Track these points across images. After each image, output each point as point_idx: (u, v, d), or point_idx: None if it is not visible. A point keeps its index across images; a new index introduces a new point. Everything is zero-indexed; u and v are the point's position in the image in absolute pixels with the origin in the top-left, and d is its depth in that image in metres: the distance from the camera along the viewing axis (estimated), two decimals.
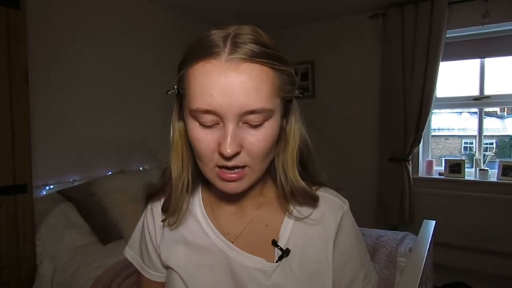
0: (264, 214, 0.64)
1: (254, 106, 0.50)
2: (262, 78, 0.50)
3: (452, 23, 2.80)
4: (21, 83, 1.51)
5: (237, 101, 0.49)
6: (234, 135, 0.50)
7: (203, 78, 0.50)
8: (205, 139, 0.52)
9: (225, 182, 0.54)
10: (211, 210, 0.66)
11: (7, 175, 1.47)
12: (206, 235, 0.63)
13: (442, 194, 2.98)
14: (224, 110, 0.49)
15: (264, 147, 0.53)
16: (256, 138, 0.52)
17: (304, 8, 3.12)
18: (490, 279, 2.70)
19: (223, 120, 0.50)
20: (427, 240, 1.56)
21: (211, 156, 0.53)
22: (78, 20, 2.28)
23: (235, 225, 0.64)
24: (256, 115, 0.50)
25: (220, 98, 0.49)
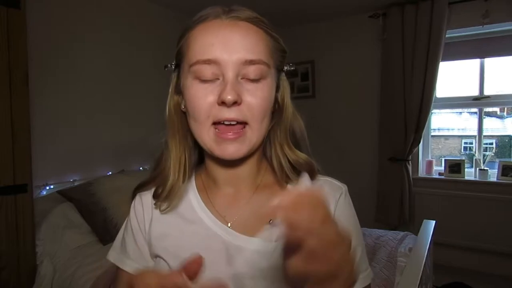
0: (261, 196, 0.62)
1: (252, 56, 0.52)
2: (258, 36, 0.55)
3: (452, 23, 2.80)
4: (21, 83, 1.51)
5: (237, 50, 0.52)
6: (234, 85, 0.52)
7: (203, 33, 0.53)
8: (204, 94, 0.53)
9: (223, 145, 0.53)
10: (205, 195, 0.64)
11: (7, 175, 1.47)
12: (200, 220, 0.61)
13: (442, 194, 2.98)
14: (224, 60, 0.51)
15: (262, 104, 0.54)
16: (255, 92, 0.53)
17: (304, 8, 3.12)
18: (490, 279, 2.70)
19: (223, 72, 0.52)
20: (427, 240, 1.56)
21: (209, 111, 0.53)
22: (78, 20, 2.28)
23: (232, 209, 0.62)
24: (255, 66, 0.53)
25: (220, 47, 0.52)
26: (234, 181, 0.63)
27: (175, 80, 0.60)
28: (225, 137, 0.53)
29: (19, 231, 1.53)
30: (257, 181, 0.64)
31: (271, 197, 0.59)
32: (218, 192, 0.64)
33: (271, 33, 0.58)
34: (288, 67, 0.61)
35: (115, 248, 0.68)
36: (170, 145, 0.61)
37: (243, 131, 0.54)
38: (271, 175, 0.64)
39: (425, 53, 2.82)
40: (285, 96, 0.62)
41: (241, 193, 0.63)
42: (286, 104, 0.62)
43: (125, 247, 0.66)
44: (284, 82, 0.62)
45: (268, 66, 0.55)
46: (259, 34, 0.55)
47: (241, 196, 0.63)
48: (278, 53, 0.59)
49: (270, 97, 0.56)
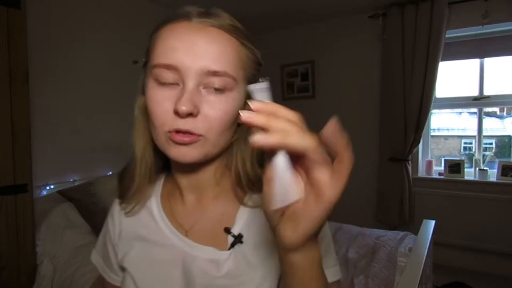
0: (221, 204, 0.60)
1: (217, 67, 0.49)
2: (229, 45, 0.51)
3: (452, 23, 2.80)
4: (21, 83, 1.51)
5: (200, 58, 0.48)
6: (192, 95, 0.48)
7: (169, 35, 0.50)
8: (160, 99, 0.50)
9: (176, 147, 0.50)
10: (167, 203, 0.63)
11: (7, 175, 1.47)
12: (160, 230, 0.60)
13: (442, 194, 2.98)
14: (185, 66, 0.48)
15: (222, 117, 0.50)
16: (214, 106, 0.50)
17: (304, 8, 3.12)
18: (490, 279, 2.70)
19: (183, 79, 0.49)
20: (427, 240, 1.56)
21: (164, 118, 0.50)
22: (78, 20, 2.28)
23: (191, 217, 0.60)
24: (218, 78, 0.49)
25: (183, 53, 0.48)
26: (196, 188, 0.61)
27: (143, 80, 0.57)
28: (177, 140, 0.50)
29: (19, 231, 1.53)
30: (218, 189, 0.61)
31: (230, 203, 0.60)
32: (180, 200, 0.62)
33: (245, 43, 0.53)
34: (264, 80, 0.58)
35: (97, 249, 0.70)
36: (135, 146, 0.60)
37: (197, 138, 0.50)
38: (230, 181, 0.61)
39: (425, 53, 2.82)
40: None
41: (202, 201, 0.61)
42: None
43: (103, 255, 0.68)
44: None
45: (234, 79, 0.50)
46: (230, 43, 0.51)
47: (202, 204, 0.61)
48: (252, 65, 0.55)
49: (232, 111, 0.51)
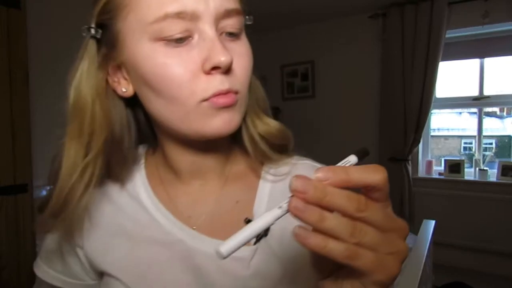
0: (233, 189, 0.50)
1: (231, 5, 0.40)
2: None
3: (452, 23, 2.79)
4: (21, 83, 1.51)
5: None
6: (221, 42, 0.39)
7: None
8: (179, 60, 0.38)
9: (220, 115, 0.40)
10: (163, 190, 0.50)
11: (7, 175, 1.47)
12: (156, 223, 0.48)
13: (442, 194, 2.98)
14: (200, 10, 0.38)
15: (249, 63, 0.43)
16: (240, 51, 0.41)
17: (304, 8, 3.12)
18: (490, 279, 2.70)
19: (200, 27, 0.38)
20: (427, 240, 1.56)
21: (192, 85, 0.39)
22: (78, 20, 2.28)
23: (198, 206, 0.49)
24: (233, 19, 0.41)
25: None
26: (199, 173, 0.50)
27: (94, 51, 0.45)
28: (224, 102, 0.40)
29: (19, 231, 1.53)
30: (226, 171, 0.51)
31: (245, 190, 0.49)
32: (179, 187, 0.51)
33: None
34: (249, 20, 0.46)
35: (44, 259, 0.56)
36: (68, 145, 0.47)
37: (238, 97, 0.41)
38: (243, 161, 0.52)
39: (425, 53, 2.82)
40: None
41: (208, 187, 0.50)
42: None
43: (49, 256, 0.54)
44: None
45: (243, 19, 0.42)
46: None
47: (208, 190, 0.50)
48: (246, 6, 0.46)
49: (251, 55, 0.44)
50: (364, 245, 0.25)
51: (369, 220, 0.25)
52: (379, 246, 0.26)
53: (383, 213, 0.26)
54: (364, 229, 0.25)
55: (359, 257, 0.25)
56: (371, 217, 0.25)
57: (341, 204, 0.25)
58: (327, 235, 0.25)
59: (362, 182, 0.25)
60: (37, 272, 0.55)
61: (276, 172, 0.51)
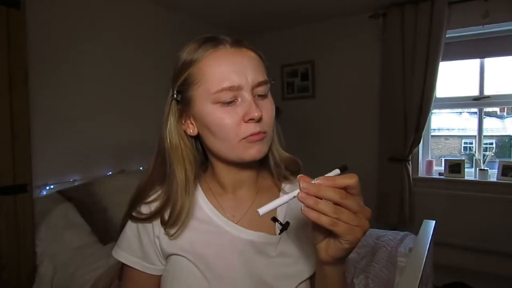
0: (262, 198, 0.71)
1: (261, 77, 0.63)
2: (258, 60, 0.65)
3: (452, 23, 2.79)
4: (21, 83, 1.51)
5: (249, 74, 0.61)
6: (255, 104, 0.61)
7: (219, 62, 0.61)
8: (230, 116, 0.61)
9: (254, 147, 0.62)
10: (213, 198, 0.72)
11: (7, 175, 1.47)
12: (211, 219, 0.69)
13: (442, 194, 2.98)
14: (242, 83, 0.60)
15: (272, 113, 0.65)
16: (267, 106, 0.64)
17: (304, 8, 3.12)
18: (490, 279, 2.70)
19: (241, 94, 0.61)
20: (427, 240, 1.56)
21: (236, 129, 0.61)
22: (78, 20, 2.28)
23: (238, 209, 0.71)
24: (263, 87, 0.63)
25: (238, 74, 0.60)
26: (239, 185, 0.72)
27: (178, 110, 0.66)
28: (256, 139, 0.62)
29: (19, 231, 1.53)
30: (257, 185, 0.74)
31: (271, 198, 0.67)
32: (225, 195, 0.72)
33: (260, 54, 0.67)
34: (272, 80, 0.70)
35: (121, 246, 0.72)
36: (177, 171, 0.66)
37: (264, 135, 0.63)
38: (269, 179, 0.76)
39: (425, 53, 2.82)
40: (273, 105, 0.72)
41: (245, 196, 0.72)
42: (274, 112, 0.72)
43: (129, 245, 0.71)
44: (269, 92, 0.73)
45: (269, 84, 0.65)
46: (257, 57, 0.65)
47: (245, 198, 0.72)
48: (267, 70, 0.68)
49: (274, 108, 0.67)
50: (342, 219, 0.45)
51: (347, 205, 0.45)
52: (351, 221, 0.45)
53: (356, 202, 0.46)
54: (342, 210, 0.45)
55: (338, 225, 0.45)
56: (348, 204, 0.45)
57: (330, 195, 0.44)
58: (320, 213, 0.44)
59: (343, 184, 0.45)
60: (119, 257, 0.71)
61: (290, 188, 0.74)
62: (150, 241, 0.69)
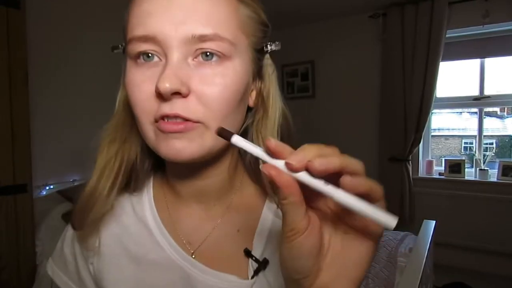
0: (235, 216, 0.49)
1: (206, 30, 0.38)
2: (222, 2, 0.39)
3: (452, 23, 2.79)
4: (21, 83, 1.51)
5: (183, 20, 0.37)
6: (177, 68, 0.37)
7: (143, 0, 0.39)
8: (139, 80, 0.39)
9: (167, 140, 0.39)
10: (166, 212, 0.50)
11: (7, 175, 1.47)
12: (159, 247, 0.47)
13: (442, 194, 2.98)
14: (165, 34, 0.37)
15: (222, 94, 0.39)
16: (210, 80, 0.38)
17: (304, 8, 3.12)
18: (490, 279, 2.70)
19: (165, 51, 0.38)
20: (427, 240, 1.55)
21: (146, 105, 0.39)
22: (78, 20, 2.28)
23: (198, 233, 0.48)
24: (209, 44, 0.38)
25: (161, 17, 0.37)
26: (201, 196, 0.49)
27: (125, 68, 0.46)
28: (167, 129, 0.38)
29: (19, 231, 1.53)
30: (231, 195, 0.50)
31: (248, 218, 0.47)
32: (181, 210, 0.50)
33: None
34: (274, 46, 0.46)
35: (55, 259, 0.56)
36: (101, 147, 0.49)
37: (193, 125, 0.39)
38: (250, 188, 0.51)
39: (425, 53, 2.82)
40: (270, 87, 0.47)
41: (210, 212, 0.49)
42: (273, 97, 0.47)
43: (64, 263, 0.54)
44: (269, 67, 0.47)
45: (231, 44, 0.39)
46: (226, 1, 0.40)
47: (210, 216, 0.49)
48: (256, 26, 0.43)
49: (236, 85, 0.40)
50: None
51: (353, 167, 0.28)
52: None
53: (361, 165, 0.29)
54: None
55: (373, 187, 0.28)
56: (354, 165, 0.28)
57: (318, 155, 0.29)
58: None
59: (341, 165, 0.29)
60: (50, 272, 0.54)
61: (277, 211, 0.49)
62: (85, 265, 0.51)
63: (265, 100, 0.47)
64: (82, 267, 0.51)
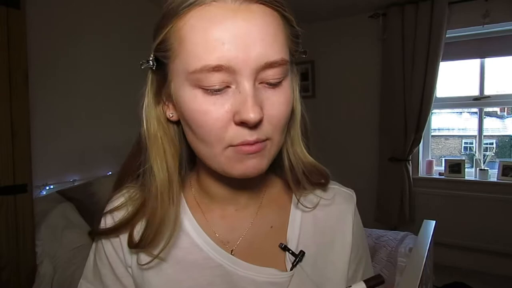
0: (267, 213, 0.52)
1: (274, 56, 0.39)
2: (276, 24, 0.41)
3: (452, 23, 2.79)
4: (21, 83, 1.51)
5: (254, 50, 0.38)
6: (255, 97, 0.39)
7: (205, 25, 0.38)
8: (213, 109, 0.39)
9: (244, 161, 0.41)
10: (201, 215, 0.51)
11: (7, 175, 1.47)
12: (197, 248, 0.48)
13: (442, 194, 2.98)
14: (239, 63, 0.37)
15: (285, 112, 0.42)
16: (277, 100, 0.41)
17: (304, 8, 3.12)
18: (490, 279, 2.70)
19: (237, 79, 0.39)
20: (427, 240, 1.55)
21: (222, 132, 0.40)
22: (78, 20, 2.28)
23: (234, 231, 0.50)
24: (275, 69, 0.40)
25: (234, 47, 0.37)
26: (235, 198, 0.51)
27: (155, 83, 0.48)
28: (249, 151, 0.40)
29: (19, 231, 1.53)
30: (261, 195, 0.53)
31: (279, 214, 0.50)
32: (215, 211, 0.52)
33: (286, 15, 0.43)
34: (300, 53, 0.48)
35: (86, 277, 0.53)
36: (156, 168, 0.47)
37: (264, 144, 0.42)
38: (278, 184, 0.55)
39: (425, 53, 2.82)
40: (296, 91, 0.50)
41: (244, 211, 0.52)
42: (297, 100, 0.51)
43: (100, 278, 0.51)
44: (296, 74, 0.49)
45: (288, 64, 0.42)
46: (276, 20, 0.41)
47: (244, 215, 0.51)
48: (293, 40, 0.45)
49: (291, 101, 0.44)
50: None
51: None
52: None
53: None
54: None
55: None
56: None
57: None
58: None
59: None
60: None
61: (305, 199, 0.52)
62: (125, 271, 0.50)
63: (294, 104, 0.49)
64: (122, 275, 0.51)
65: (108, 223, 0.50)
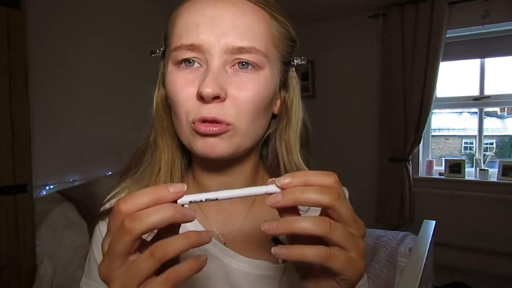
0: (260, 211, 0.53)
1: (243, 43, 0.43)
2: (256, 16, 0.44)
3: (452, 23, 2.79)
4: (21, 83, 1.51)
5: (226, 33, 0.42)
6: (217, 74, 0.42)
7: (189, 12, 0.44)
8: (182, 82, 0.44)
9: (202, 139, 0.43)
10: (196, 206, 0.52)
11: (7, 175, 1.47)
12: None
13: (442, 194, 2.98)
14: (209, 43, 0.42)
15: (252, 97, 0.44)
16: (243, 86, 0.43)
17: (304, 8, 3.12)
18: (490, 279, 2.70)
19: (207, 58, 0.43)
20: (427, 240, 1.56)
21: (188, 104, 0.43)
22: (78, 20, 2.28)
23: (228, 225, 0.52)
24: (245, 55, 0.43)
25: (206, 29, 0.42)
26: None
27: (162, 69, 0.52)
28: (204, 130, 0.42)
29: (19, 231, 1.53)
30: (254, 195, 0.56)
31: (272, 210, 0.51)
32: (211, 205, 0.53)
33: (277, 16, 0.47)
34: (300, 60, 0.52)
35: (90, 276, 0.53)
36: (161, 144, 0.51)
37: (227, 128, 0.44)
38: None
39: (425, 53, 2.82)
40: (294, 97, 0.52)
41: (237, 207, 0.54)
42: (296, 106, 0.53)
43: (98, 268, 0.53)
44: (293, 80, 0.53)
45: (264, 56, 0.44)
46: (259, 16, 0.45)
47: (238, 210, 0.53)
48: (285, 42, 0.49)
49: (265, 92, 0.45)
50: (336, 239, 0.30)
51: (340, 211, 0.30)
52: (347, 243, 0.30)
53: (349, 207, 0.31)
54: (334, 224, 0.30)
55: (334, 259, 0.30)
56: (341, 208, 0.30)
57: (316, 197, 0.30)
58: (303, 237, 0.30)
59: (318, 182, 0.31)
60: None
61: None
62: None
63: (288, 109, 0.52)
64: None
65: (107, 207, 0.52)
